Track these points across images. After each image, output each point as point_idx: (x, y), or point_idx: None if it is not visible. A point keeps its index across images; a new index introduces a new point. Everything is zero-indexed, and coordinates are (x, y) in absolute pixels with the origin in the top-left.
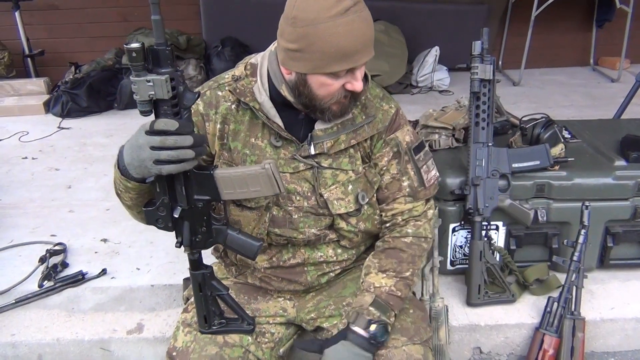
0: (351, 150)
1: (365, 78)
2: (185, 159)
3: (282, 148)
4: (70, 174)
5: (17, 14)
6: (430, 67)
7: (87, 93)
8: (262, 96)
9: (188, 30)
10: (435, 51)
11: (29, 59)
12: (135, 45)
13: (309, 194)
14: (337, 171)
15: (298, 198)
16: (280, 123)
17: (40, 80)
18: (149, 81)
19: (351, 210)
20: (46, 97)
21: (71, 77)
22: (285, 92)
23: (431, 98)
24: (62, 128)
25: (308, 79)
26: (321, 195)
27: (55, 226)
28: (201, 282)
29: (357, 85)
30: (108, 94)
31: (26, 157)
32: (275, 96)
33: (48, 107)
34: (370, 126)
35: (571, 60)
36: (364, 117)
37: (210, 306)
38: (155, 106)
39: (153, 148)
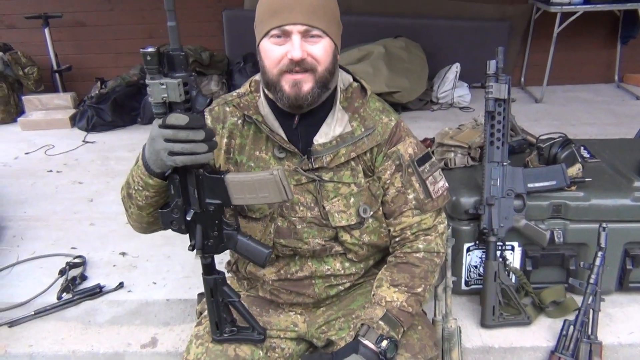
0: (352, 163)
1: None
2: (197, 152)
3: (286, 160)
4: (92, 187)
5: (46, 30)
6: (450, 84)
7: (112, 108)
8: (265, 109)
9: (211, 46)
10: (456, 68)
11: (57, 74)
12: (150, 49)
13: (312, 205)
14: (339, 184)
15: (301, 208)
16: (283, 135)
17: (67, 95)
18: (162, 84)
19: (352, 223)
20: (72, 111)
21: (97, 92)
22: (266, 90)
23: (452, 115)
24: (87, 142)
25: (260, 50)
26: (324, 207)
27: (76, 239)
28: (213, 287)
29: (294, 52)
30: (132, 109)
31: (51, 170)
32: (272, 108)
33: (74, 121)
34: (370, 138)
35: (595, 77)
36: (362, 130)
37: (222, 312)
38: (169, 109)
39: (167, 140)
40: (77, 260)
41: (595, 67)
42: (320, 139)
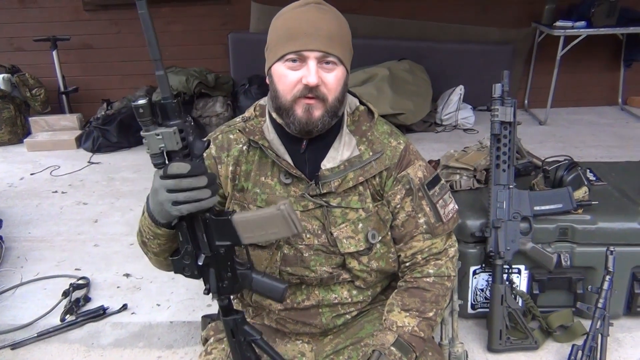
0: (360, 187)
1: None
2: (202, 198)
3: (292, 185)
4: (97, 208)
5: (54, 53)
6: (455, 106)
7: (117, 129)
8: (271, 134)
9: (217, 68)
10: (460, 90)
11: (63, 96)
12: (141, 102)
13: (319, 232)
14: (347, 210)
15: (308, 236)
16: (290, 160)
17: (74, 116)
18: (158, 135)
19: (361, 249)
20: (78, 132)
21: (103, 113)
22: (274, 114)
23: (456, 136)
24: (92, 163)
25: (272, 74)
26: (331, 234)
27: (80, 260)
28: (233, 328)
29: (310, 78)
30: (138, 130)
31: (56, 191)
32: (279, 133)
33: (80, 142)
34: (378, 162)
35: (599, 99)
36: (371, 154)
37: (245, 352)
38: (168, 157)
39: (169, 191)
40: (81, 282)
41: (599, 90)
42: (328, 163)
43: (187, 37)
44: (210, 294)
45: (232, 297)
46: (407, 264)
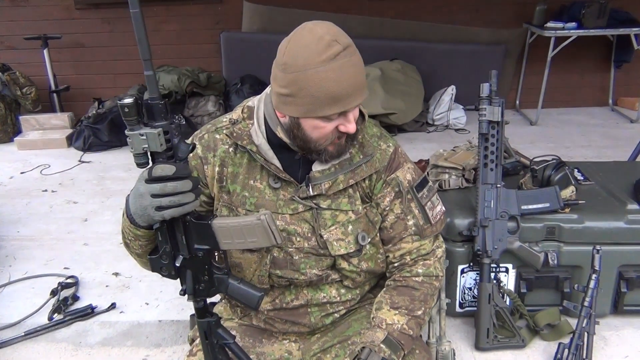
0: (350, 190)
1: (362, 117)
2: (185, 202)
3: (281, 189)
4: (87, 207)
5: (45, 51)
6: (446, 106)
7: (108, 128)
8: (260, 139)
9: (209, 68)
10: (451, 90)
11: (54, 95)
12: (127, 100)
13: (309, 235)
14: (337, 212)
15: (298, 239)
16: (279, 165)
17: (65, 115)
18: (142, 135)
19: (351, 250)
20: (69, 131)
21: (94, 112)
22: (281, 134)
23: (447, 136)
24: (83, 162)
25: (301, 123)
26: (321, 236)
27: (69, 259)
28: (207, 330)
29: (350, 127)
30: None
31: (46, 190)
32: (272, 138)
33: (71, 141)
34: (368, 165)
35: (589, 100)
36: (361, 157)
37: (218, 354)
38: (152, 157)
39: (154, 196)
40: (69, 281)
41: (589, 91)
42: (318, 165)
43: (179, 36)
44: (186, 295)
45: (220, 298)
46: (396, 264)
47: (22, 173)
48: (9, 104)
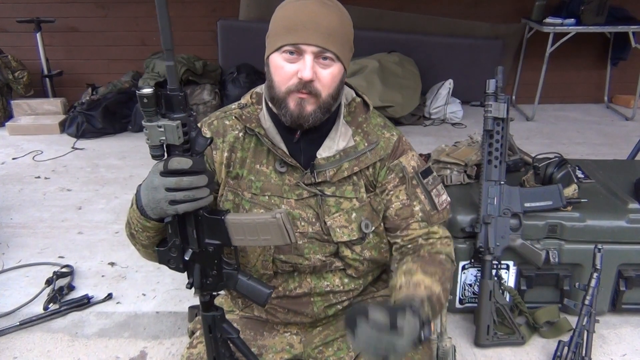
0: (354, 178)
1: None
2: (200, 197)
3: (287, 174)
4: (81, 195)
5: (38, 35)
6: (443, 100)
7: (102, 115)
8: (267, 123)
9: (205, 56)
10: (448, 84)
11: (47, 79)
12: (146, 90)
13: (314, 220)
14: (341, 199)
15: (303, 224)
16: (285, 149)
17: (57, 100)
18: (160, 127)
19: (354, 238)
20: (62, 117)
21: (88, 98)
22: (270, 103)
23: (444, 130)
24: (76, 148)
25: (270, 63)
26: (325, 222)
27: (63, 247)
28: (211, 324)
29: (305, 72)
30: (123, 116)
31: (39, 177)
32: (274, 121)
33: (63, 127)
34: (373, 153)
35: (585, 97)
36: (366, 144)
37: (221, 348)
38: (167, 149)
39: (168, 190)
40: (64, 270)
41: (585, 87)
42: (323, 152)
43: (175, 23)
44: (193, 289)
45: (223, 291)
46: (409, 246)
47: (14, 159)
48: (0, 88)
